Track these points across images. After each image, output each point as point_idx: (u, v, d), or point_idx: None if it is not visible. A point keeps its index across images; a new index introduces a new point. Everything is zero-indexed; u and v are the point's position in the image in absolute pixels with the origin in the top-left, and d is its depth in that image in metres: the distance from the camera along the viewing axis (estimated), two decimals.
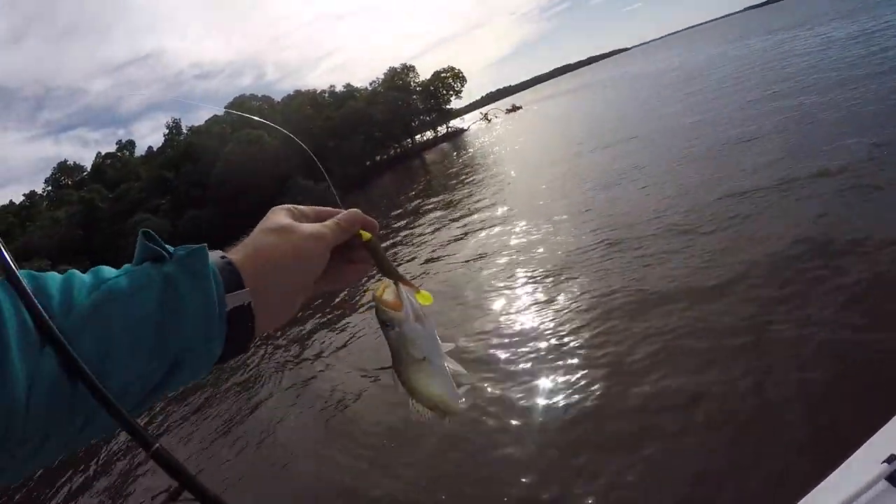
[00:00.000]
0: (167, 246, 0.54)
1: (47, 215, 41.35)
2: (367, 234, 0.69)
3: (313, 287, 0.66)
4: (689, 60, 38.19)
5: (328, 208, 0.72)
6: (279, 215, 0.66)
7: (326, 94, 59.98)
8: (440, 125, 67.24)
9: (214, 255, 0.56)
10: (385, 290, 0.65)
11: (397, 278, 0.66)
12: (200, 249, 0.53)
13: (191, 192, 40.81)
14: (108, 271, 0.51)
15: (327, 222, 0.67)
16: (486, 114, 73.09)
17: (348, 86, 62.29)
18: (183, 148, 47.74)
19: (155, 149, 58.91)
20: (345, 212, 0.69)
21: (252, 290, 0.56)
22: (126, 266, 0.53)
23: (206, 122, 53.59)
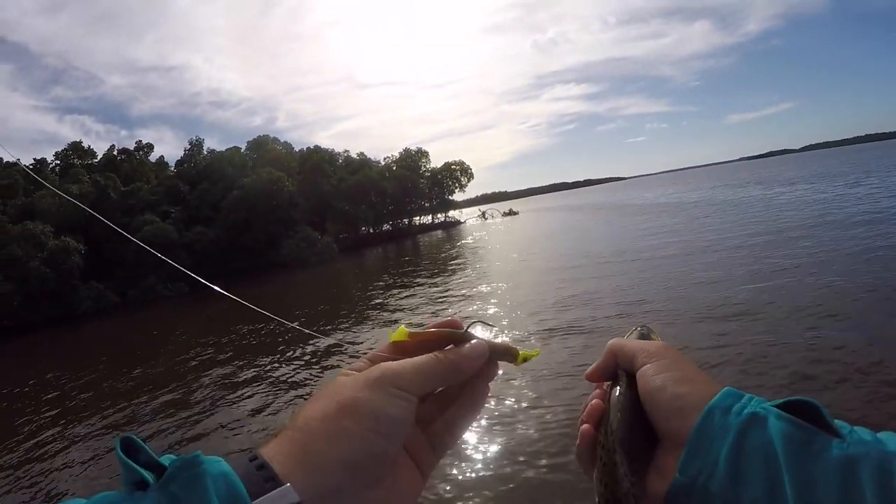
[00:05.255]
0: (158, 458, 0.41)
1: (62, 187, 43.33)
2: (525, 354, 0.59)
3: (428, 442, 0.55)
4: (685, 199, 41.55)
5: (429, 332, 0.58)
6: (340, 379, 0.52)
7: (341, 159, 64.29)
8: (439, 213, 71.72)
9: (238, 460, 0.43)
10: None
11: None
12: (191, 459, 0.40)
13: (202, 210, 43.52)
14: None
15: (417, 361, 0.53)
16: (484, 212, 77.72)
17: (361, 154, 67.02)
18: (203, 166, 50.82)
19: (166, 158, 62.50)
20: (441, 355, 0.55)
21: (306, 486, 0.42)
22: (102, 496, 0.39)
23: (227, 149, 57.40)
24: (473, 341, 0.57)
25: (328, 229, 49.43)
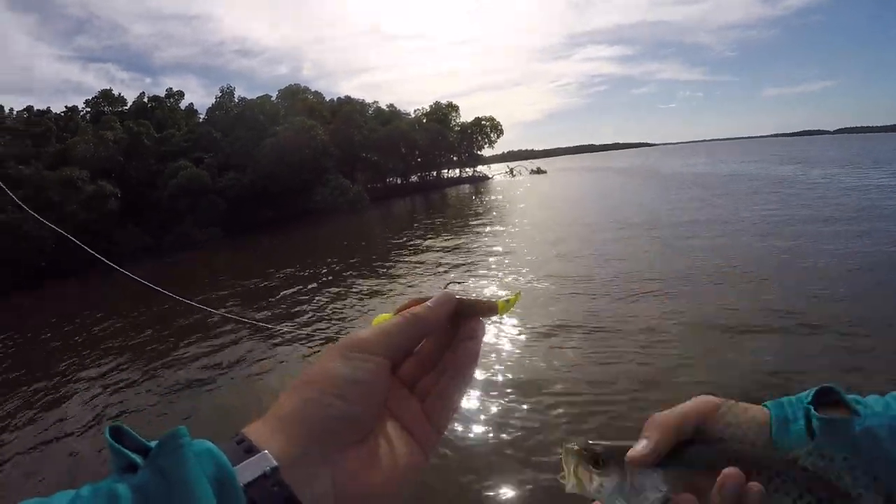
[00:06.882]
0: (147, 443, 0.42)
1: (96, 133, 43.58)
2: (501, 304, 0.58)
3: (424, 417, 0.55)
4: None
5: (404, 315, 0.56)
6: None
7: (371, 110, 63.42)
8: (467, 167, 70.95)
9: (221, 441, 0.45)
10: None
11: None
12: (172, 433, 0.41)
13: (234, 157, 43.49)
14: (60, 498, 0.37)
15: (381, 324, 0.55)
16: (512, 169, 76.88)
17: (391, 106, 66.03)
18: (235, 114, 50.67)
19: (194, 106, 62.38)
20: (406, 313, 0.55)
21: (280, 451, 0.44)
22: (87, 487, 0.38)
23: (258, 97, 56.95)
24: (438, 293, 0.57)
25: (358, 179, 49.26)
